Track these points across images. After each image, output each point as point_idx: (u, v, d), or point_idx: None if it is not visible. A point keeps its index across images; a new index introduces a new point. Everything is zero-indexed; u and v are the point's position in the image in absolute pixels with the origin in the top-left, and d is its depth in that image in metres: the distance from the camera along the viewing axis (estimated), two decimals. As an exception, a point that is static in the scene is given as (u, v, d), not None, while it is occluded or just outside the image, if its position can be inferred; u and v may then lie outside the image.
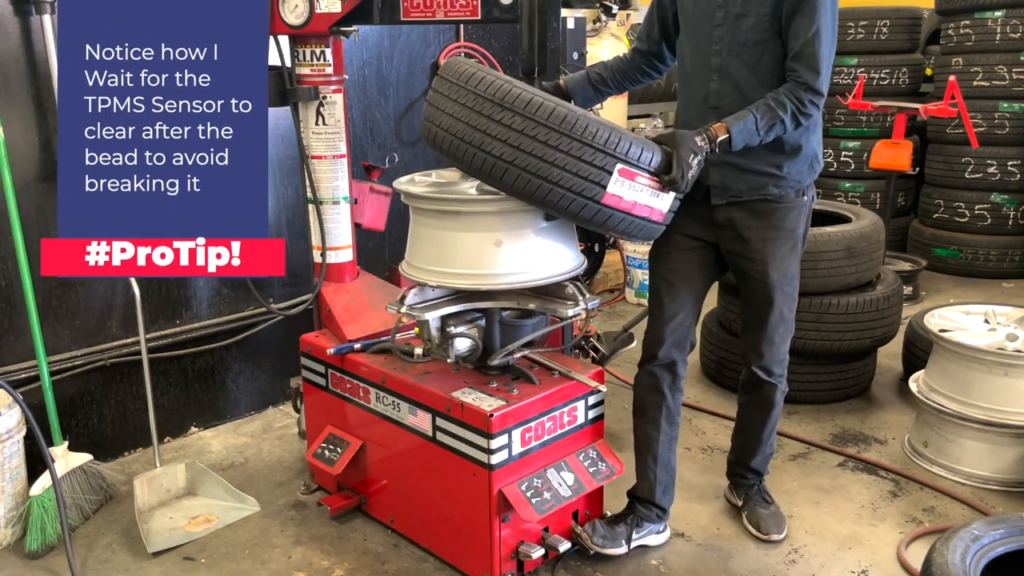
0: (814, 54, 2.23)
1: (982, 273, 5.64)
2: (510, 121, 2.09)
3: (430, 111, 2.26)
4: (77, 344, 3.15)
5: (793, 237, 2.48)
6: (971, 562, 1.80)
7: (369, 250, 3.82)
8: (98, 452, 3.04)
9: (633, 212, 2.17)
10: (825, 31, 2.23)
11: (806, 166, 2.45)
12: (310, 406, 3.01)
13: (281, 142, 3.47)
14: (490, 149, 2.12)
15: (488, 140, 2.11)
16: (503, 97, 2.10)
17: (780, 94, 2.25)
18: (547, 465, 2.49)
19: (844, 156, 6.23)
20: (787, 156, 2.40)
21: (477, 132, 2.13)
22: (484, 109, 2.12)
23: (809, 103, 2.24)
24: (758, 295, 2.52)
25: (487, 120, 2.12)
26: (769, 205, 2.44)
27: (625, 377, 3.96)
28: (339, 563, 2.64)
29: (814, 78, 2.23)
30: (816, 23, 2.21)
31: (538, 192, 2.10)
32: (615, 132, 2.09)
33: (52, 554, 2.70)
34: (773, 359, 2.59)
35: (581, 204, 2.11)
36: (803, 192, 2.48)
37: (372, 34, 3.84)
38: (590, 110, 2.37)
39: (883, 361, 4.03)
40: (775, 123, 2.24)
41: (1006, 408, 2.98)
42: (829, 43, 2.25)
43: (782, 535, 2.72)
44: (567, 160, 2.07)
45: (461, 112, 2.16)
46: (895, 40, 6.07)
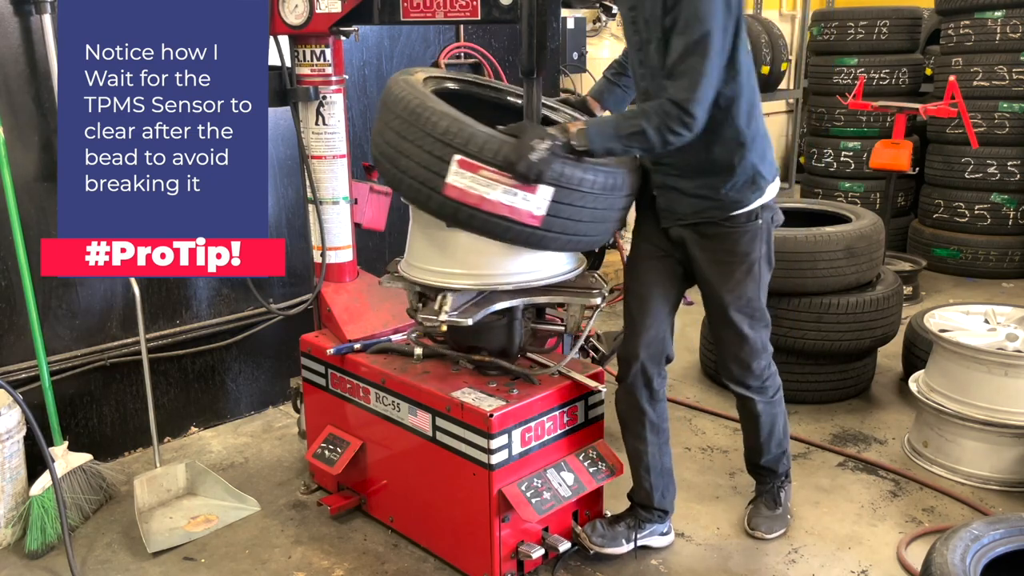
0: (684, 71, 2.09)
1: (982, 273, 5.64)
2: (386, 118, 2.28)
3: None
4: (77, 344, 3.15)
5: (747, 262, 2.41)
6: (971, 562, 1.80)
7: (369, 250, 3.82)
8: (98, 452, 3.04)
9: (483, 208, 2.14)
10: (699, 49, 2.08)
11: (746, 186, 2.34)
12: (310, 406, 3.01)
13: (281, 142, 3.47)
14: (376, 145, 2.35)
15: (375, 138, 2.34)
16: (386, 99, 2.30)
17: (649, 106, 2.16)
18: (547, 465, 2.49)
19: (844, 156, 6.24)
20: (720, 177, 2.32)
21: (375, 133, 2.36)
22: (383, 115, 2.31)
23: (677, 120, 2.10)
24: (715, 315, 2.52)
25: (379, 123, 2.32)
26: (719, 228, 2.39)
27: (625, 377, 3.96)
28: (339, 563, 2.64)
29: (683, 96, 2.09)
30: (688, 40, 2.08)
31: (394, 183, 2.28)
32: (456, 123, 2.12)
33: (52, 554, 2.70)
34: (743, 375, 2.56)
35: (426, 195, 2.19)
36: (755, 216, 2.38)
37: (372, 34, 3.84)
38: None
39: (883, 361, 4.03)
40: (636, 131, 2.13)
41: (1006, 408, 2.98)
42: (708, 61, 2.09)
43: (770, 535, 2.72)
44: (412, 150, 2.17)
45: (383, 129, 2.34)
46: (895, 40, 6.08)
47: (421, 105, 2.17)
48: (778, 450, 2.72)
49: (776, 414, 2.65)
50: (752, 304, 2.47)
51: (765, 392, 2.61)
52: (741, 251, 2.40)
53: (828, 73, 6.34)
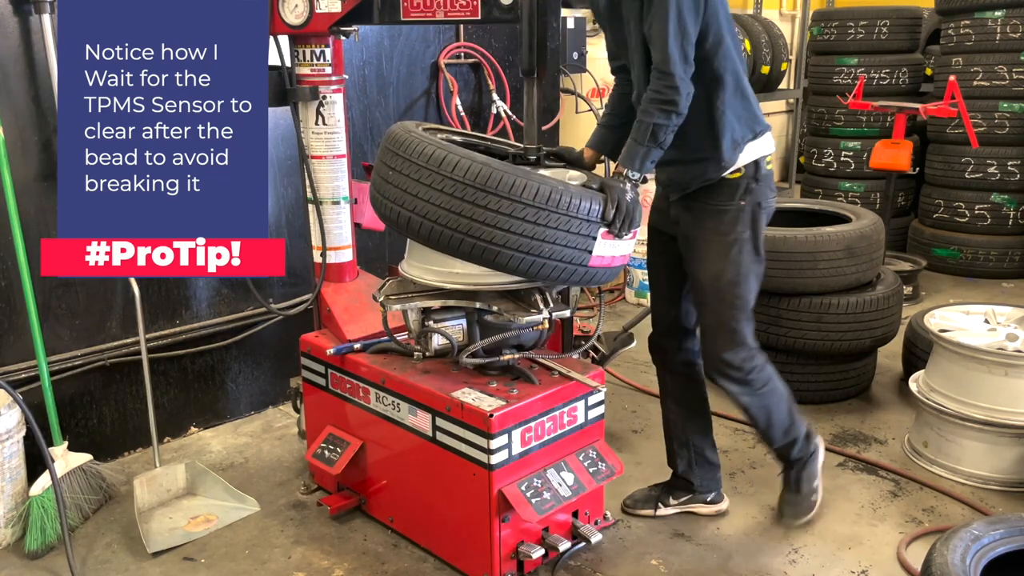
0: (654, 38, 2.20)
1: (982, 273, 5.64)
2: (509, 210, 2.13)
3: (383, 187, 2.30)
4: (77, 344, 3.15)
5: (725, 242, 2.42)
6: (971, 562, 1.80)
7: (369, 250, 3.82)
8: (98, 452, 3.04)
9: (615, 265, 2.33)
10: (661, 11, 2.17)
11: (729, 143, 2.35)
12: (310, 406, 3.01)
13: (281, 142, 3.47)
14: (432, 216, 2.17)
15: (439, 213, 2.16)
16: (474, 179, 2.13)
17: (642, 100, 2.26)
18: (547, 465, 2.49)
19: (844, 156, 6.24)
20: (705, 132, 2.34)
21: (452, 215, 2.15)
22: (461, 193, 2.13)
23: (663, 86, 2.20)
24: (696, 299, 2.58)
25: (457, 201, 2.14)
26: (704, 206, 2.43)
27: (625, 377, 3.96)
28: (339, 563, 2.64)
29: (660, 60, 2.20)
30: (655, 10, 2.18)
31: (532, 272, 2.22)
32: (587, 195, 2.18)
33: (52, 554, 2.70)
34: (723, 367, 2.53)
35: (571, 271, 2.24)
36: (740, 195, 2.40)
37: (372, 34, 3.84)
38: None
39: (883, 361, 4.03)
40: (647, 128, 2.22)
41: (1006, 408, 2.98)
42: (668, 22, 2.17)
43: (797, 520, 2.76)
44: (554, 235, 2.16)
45: (433, 195, 2.17)
46: (895, 40, 6.08)
47: (555, 190, 2.14)
48: (785, 438, 2.68)
49: (768, 405, 2.62)
50: (733, 289, 2.45)
51: (750, 385, 2.57)
52: (722, 230, 2.42)
53: (828, 73, 6.34)
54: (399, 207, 2.25)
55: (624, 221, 2.23)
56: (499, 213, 2.12)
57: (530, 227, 2.13)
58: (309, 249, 3.01)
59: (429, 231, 2.20)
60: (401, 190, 2.23)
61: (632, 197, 2.24)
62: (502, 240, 2.14)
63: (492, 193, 2.11)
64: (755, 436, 2.84)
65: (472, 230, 2.14)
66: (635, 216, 2.26)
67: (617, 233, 2.24)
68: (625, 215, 2.23)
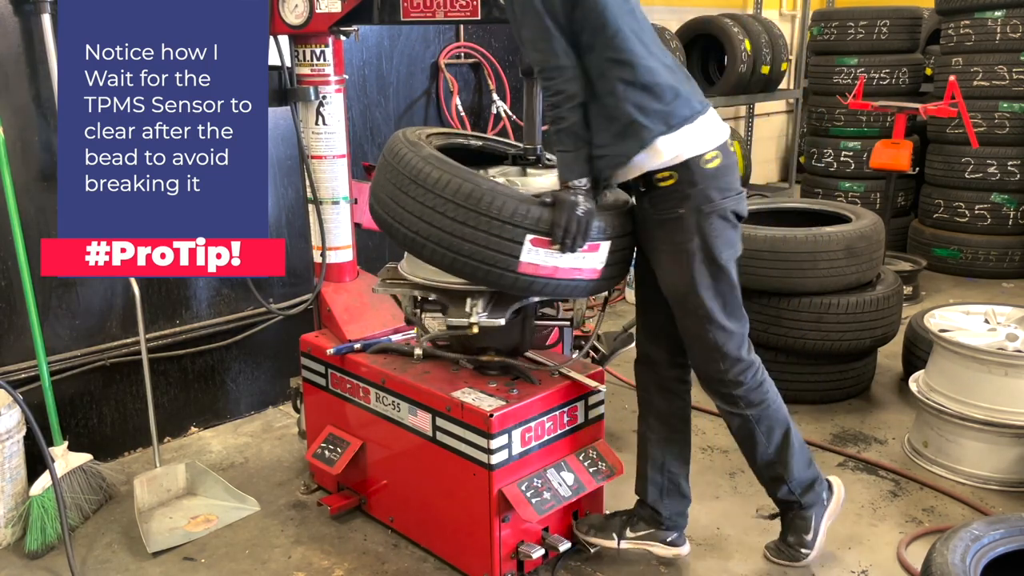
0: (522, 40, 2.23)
1: (982, 273, 5.63)
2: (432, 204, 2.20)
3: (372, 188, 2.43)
4: (77, 344, 3.15)
5: (674, 253, 2.26)
6: (971, 562, 1.80)
7: (369, 250, 3.82)
8: (98, 452, 3.04)
9: (556, 276, 2.24)
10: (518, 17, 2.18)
11: (631, 138, 2.18)
12: (310, 406, 3.01)
13: (281, 142, 3.47)
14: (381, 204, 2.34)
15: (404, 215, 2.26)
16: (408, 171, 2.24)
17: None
18: (547, 465, 2.49)
19: (844, 156, 6.23)
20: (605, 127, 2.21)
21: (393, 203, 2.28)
22: (400, 183, 2.26)
23: (542, 87, 2.25)
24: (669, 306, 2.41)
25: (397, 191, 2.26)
26: (651, 216, 2.29)
27: (625, 377, 3.96)
28: (339, 563, 2.64)
29: (530, 63, 2.27)
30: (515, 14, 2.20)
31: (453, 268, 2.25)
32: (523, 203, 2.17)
33: (52, 554, 2.70)
34: (701, 380, 2.42)
35: (498, 275, 2.20)
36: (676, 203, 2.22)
37: (372, 34, 3.84)
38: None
39: (883, 361, 4.03)
40: (555, 131, 2.21)
41: (1006, 408, 2.98)
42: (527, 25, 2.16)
43: (776, 560, 2.58)
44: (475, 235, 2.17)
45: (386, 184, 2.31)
46: (895, 40, 6.07)
47: (479, 189, 2.16)
48: (769, 472, 2.49)
49: (753, 434, 2.43)
50: (695, 301, 2.29)
51: (735, 403, 2.40)
52: (672, 240, 2.26)
53: (828, 73, 6.34)
54: (373, 198, 2.42)
55: (567, 234, 2.14)
56: (424, 205, 2.20)
57: (448, 222, 2.17)
58: (309, 249, 3.01)
59: (378, 218, 2.38)
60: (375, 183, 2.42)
61: (585, 210, 2.14)
62: (425, 232, 2.21)
63: (420, 185, 2.20)
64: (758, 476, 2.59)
65: (403, 219, 2.25)
66: (585, 230, 2.16)
67: (562, 246, 2.16)
68: (567, 229, 2.13)
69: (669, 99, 2.17)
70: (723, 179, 2.23)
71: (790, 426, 2.47)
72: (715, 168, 2.21)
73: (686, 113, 2.18)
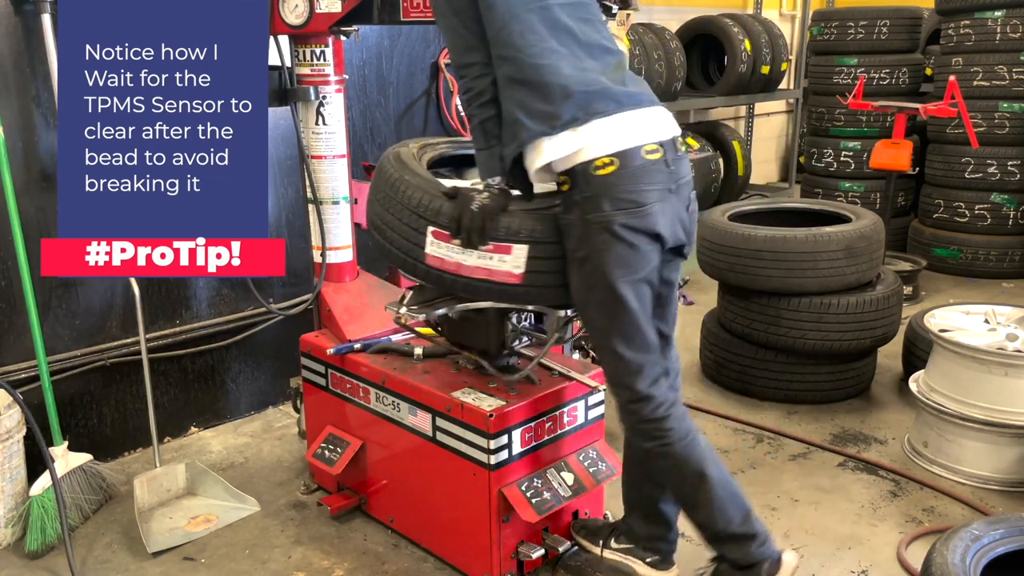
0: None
1: (982, 273, 5.64)
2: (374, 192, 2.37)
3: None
4: (77, 344, 3.15)
5: (575, 259, 2.08)
6: (971, 562, 1.80)
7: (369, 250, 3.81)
8: (98, 452, 3.04)
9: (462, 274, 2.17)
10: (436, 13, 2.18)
11: (510, 138, 2.10)
12: (310, 406, 3.01)
13: (281, 142, 3.47)
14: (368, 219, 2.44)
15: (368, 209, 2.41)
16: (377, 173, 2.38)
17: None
18: (547, 465, 2.49)
19: (844, 156, 6.24)
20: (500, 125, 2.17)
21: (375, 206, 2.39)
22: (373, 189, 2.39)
23: (456, 76, 2.23)
24: None
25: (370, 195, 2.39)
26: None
27: (625, 377, 3.96)
28: (339, 563, 2.64)
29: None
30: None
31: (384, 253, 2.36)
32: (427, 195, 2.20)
33: (52, 554, 2.70)
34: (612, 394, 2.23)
35: (411, 265, 2.25)
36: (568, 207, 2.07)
37: (372, 34, 3.84)
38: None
39: (883, 361, 4.03)
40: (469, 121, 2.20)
41: (1006, 408, 2.98)
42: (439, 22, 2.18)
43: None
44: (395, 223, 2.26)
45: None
46: (895, 40, 6.07)
47: (400, 179, 2.27)
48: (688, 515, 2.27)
49: (657, 474, 2.29)
50: (582, 314, 2.18)
51: (638, 435, 2.21)
52: (570, 246, 2.10)
53: (828, 73, 6.34)
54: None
55: (460, 229, 2.10)
56: (376, 191, 2.35)
57: (379, 208, 2.30)
58: (309, 249, 3.01)
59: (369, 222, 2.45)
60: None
61: (480, 206, 2.08)
62: (371, 214, 2.36)
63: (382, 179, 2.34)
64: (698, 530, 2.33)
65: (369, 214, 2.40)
66: (480, 227, 2.08)
67: (461, 241, 2.12)
68: (459, 223, 2.10)
69: (557, 99, 2.01)
70: (619, 189, 1.99)
71: (706, 473, 2.18)
72: (607, 176, 1.99)
73: (575, 115, 2.00)
